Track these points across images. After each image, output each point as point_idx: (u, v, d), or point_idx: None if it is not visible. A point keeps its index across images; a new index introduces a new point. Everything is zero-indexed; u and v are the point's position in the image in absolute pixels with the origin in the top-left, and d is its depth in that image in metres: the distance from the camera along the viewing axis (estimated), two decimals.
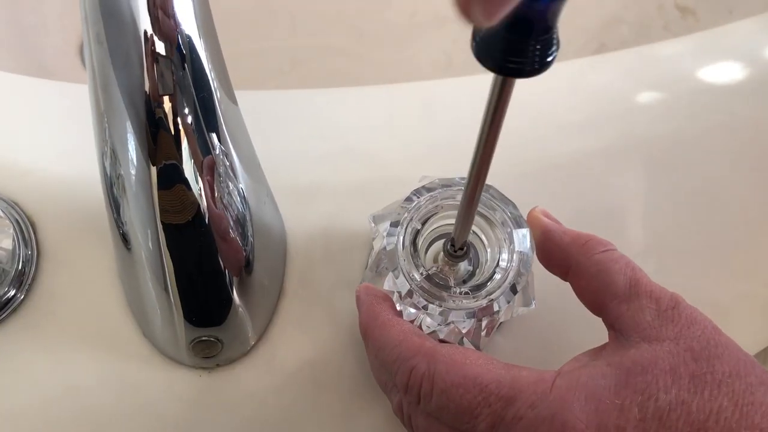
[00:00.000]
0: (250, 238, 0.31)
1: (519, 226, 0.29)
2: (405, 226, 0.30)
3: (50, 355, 0.33)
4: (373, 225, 0.31)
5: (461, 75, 0.41)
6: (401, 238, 0.29)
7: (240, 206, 0.30)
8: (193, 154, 0.27)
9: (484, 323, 0.30)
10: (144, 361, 0.33)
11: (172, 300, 0.29)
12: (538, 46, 0.18)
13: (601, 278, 0.27)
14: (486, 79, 0.41)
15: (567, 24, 0.17)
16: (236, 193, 0.29)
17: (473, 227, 0.31)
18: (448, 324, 0.29)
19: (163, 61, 0.25)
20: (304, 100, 0.40)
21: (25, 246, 0.33)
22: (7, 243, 0.31)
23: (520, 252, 0.29)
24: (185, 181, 0.27)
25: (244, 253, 0.30)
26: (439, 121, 0.39)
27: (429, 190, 0.30)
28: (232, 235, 0.29)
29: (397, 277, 0.29)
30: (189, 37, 0.25)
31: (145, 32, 0.24)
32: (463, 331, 0.30)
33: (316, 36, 0.71)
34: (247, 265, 0.31)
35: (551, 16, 0.17)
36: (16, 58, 0.57)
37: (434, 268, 0.30)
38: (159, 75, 0.25)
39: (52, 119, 0.37)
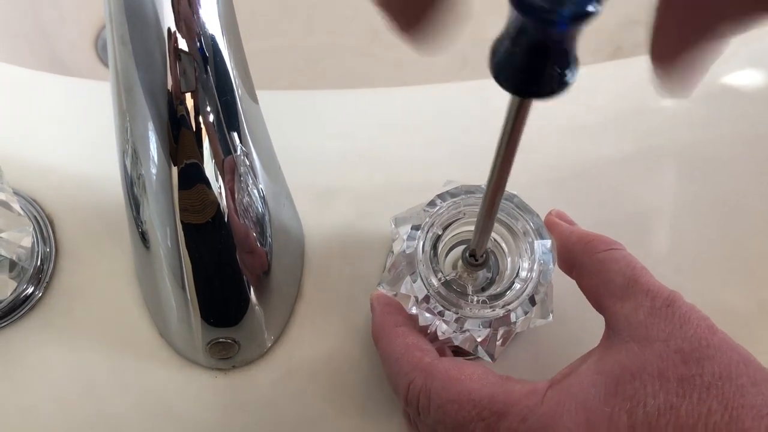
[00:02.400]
0: (269, 240, 0.30)
1: (541, 237, 0.29)
2: (426, 230, 0.29)
3: (67, 352, 0.33)
4: (393, 227, 0.31)
5: (477, 77, 0.41)
6: (421, 242, 0.29)
7: (259, 207, 0.30)
8: (214, 153, 0.26)
9: (500, 333, 0.29)
10: (160, 361, 0.33)
11: (190, 300, 0.29)
12: (557, 69, 0.18)
13: (601, 276, 0.27)
14: None
15: None
16: (256, 193, 0.29)
17: (494, 235, 0.30)
18: (464, 332, 0.29)
19: (185, 58, 0.25)
20: (323, 101, 0.40)
21: (44, 243, 0.33)
22: (27, 241, 0.31)
23: (541, 263, 0.29)
24: (206, 181, 0.27)
25: (263, 255, 0.30)
26: (457, 124, 0.39)
27: (453, 195, 0.30)
28: (251, 235, 0.29)
29: (414, 282, 0.29)
30: (212, 36, 0.25)
31: (169, 30, 0.24)
32: (478, 340, 0.29)
33: (332, 35, 0.71)
34: (265, 267, 0.31)
35: (569, 41, 0.17)
36: (34, 52, 0.57)
37: (453, 275, 0.30)
38: (182, 72, 0.25)
39: (72, 117, 0.37)
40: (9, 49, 0.54)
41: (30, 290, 0.33)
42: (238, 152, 0.28)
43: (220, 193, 0.27)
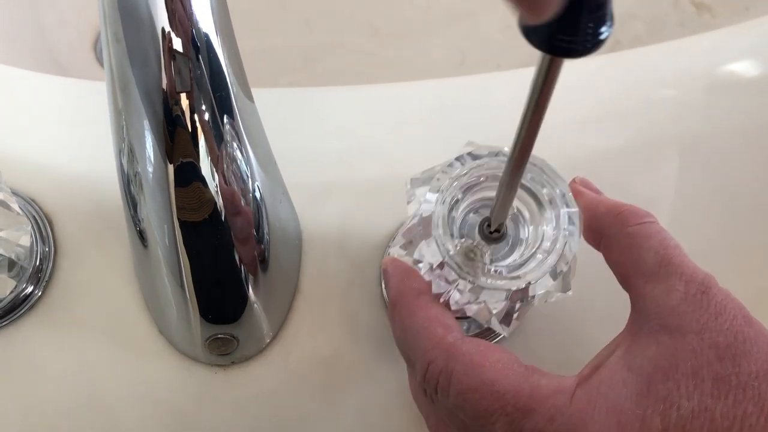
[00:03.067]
0: (266, 236, 0.31)
1: (567, 205, 0.27)
2: (445, 193, 0.27)
3: (67, 351, 0.33)
4: (409, 187, 0.28)
5: (475, 72, 0.41)
6: (440, 206, 0.27)
7: (256, 204, 0.30)
8: (210, 152, 0.26)
9: (516, 306, 0.27)
10: (160, 357, 0.33)
11: (188, 297, 0.30)
12: (591, 23, 0.16)
13: (631, 253, 0.25)
14: (502, 77, 0.40)
15: None
16: (252, 190, 0.29)
17: (517, 202, 0.28)
18: (479, 303, 0.27)
19: (180, 58, 0.25)
20: (319, 98, 0.40)
21: (43, 243, 0.34)
22: (25, 240, 0.31)
23: (566, 233, 0.27)
24: (202, 179, 0.27)
25: (260, 251, 0.30)
26: (453, 119, 0.39)
27: (474, 157, 0.28)
28: (248, 232, 0.29)
29: (429, 247, 0.27)
30: (206, 35, 0.25)
31: (163, 29, 0.24)
32: (494, 312, 0.27)
33: (330, 33, 0.71)
34: (263, 263, 0.31)
35: None
36: (33, 54, 0.57)
37: (470, 242, 0.28)
38: (176, 72, 0.25)
39: (70, 117, 0.38)
40: (8, 50, 0.54)
41: (29, 289, 0.33)
42: (234, 150, 0.28)
43: (217, 191, 0.27)
